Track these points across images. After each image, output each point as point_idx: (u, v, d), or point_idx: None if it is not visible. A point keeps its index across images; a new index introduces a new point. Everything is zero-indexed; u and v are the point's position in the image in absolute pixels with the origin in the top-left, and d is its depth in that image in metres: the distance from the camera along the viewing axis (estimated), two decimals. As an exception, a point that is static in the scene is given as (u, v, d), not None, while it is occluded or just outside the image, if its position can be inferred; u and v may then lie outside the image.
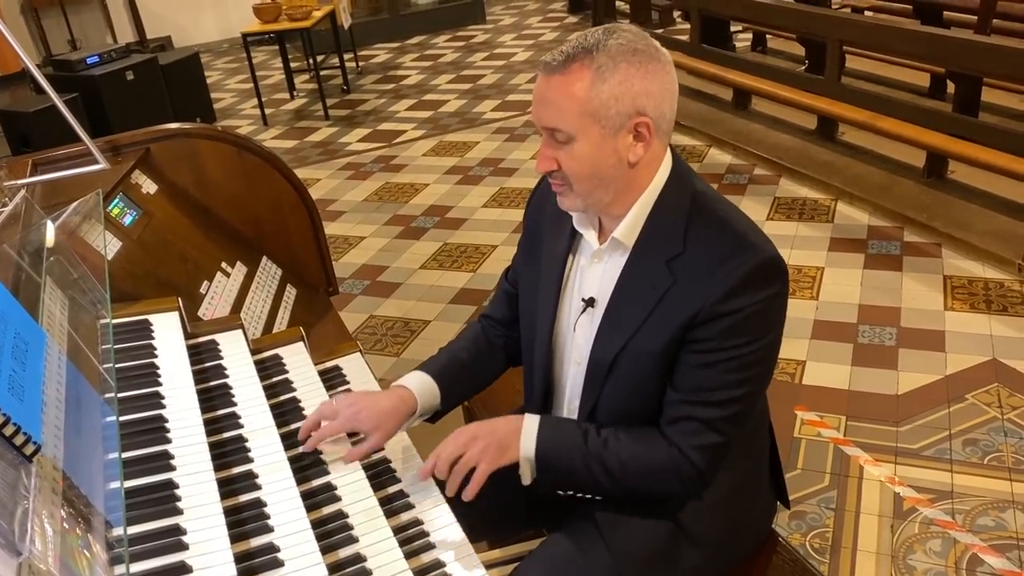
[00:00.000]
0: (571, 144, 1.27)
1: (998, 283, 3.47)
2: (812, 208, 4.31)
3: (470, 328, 1.70)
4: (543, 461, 1.38)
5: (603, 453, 1.36)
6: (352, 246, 4.46)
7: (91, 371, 1.35)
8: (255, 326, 1.96)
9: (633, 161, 1.29)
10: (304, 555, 1.18)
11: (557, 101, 1.25)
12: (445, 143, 5.91)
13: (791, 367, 3.07)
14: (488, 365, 1.65)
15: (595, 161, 1.28)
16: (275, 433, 1.43)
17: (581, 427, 1.40)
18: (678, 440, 1.34)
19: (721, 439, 1.33)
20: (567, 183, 1.31)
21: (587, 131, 1.26)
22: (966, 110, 4.15)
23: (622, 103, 1.24)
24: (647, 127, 1.27)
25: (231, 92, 7.97)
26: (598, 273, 1.41)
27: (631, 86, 1.24)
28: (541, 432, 1.39)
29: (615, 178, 1.31)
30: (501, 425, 1.40)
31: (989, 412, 2.73)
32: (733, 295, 1.26)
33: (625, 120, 1.26)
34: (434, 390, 1.54)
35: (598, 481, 1.38)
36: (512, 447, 1.38)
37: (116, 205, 1.87)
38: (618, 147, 1.28)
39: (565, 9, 9.91)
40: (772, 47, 6.61)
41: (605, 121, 1.25)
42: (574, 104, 1.24)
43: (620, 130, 1.26)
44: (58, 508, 1.02)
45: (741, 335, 1.28)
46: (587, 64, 1.24)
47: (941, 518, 2.35)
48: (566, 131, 1.26)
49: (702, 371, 1.31)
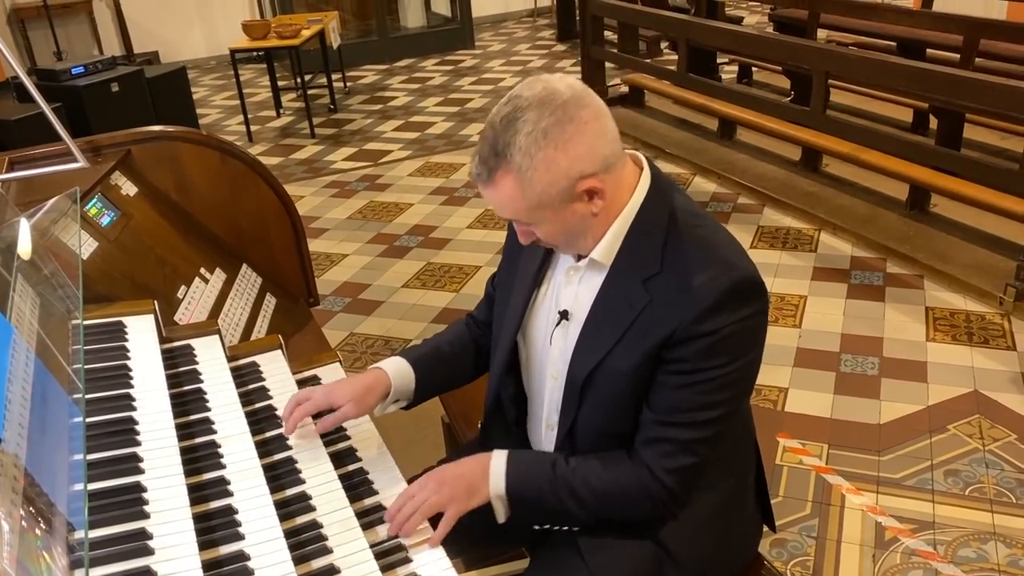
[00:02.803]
0: (535, 225, 1.30)
1: (980, 315, 3.48)
2: (795, 237, 4.32)
3: (455, 324, 1.70)
4: (515, 498, 1.36)
5: (573, 482, 1.34)
6: (335, 263, 4.42)
7: (60, 371, 1.31)
8: (233, 333, 1.92)
9: (596, 212, 1.28)
10: (275, 564, 1.14)
11: (502, 205, 1.28)
12: (431, 164, 5.89)
13: (773, 394, 3.05)
14: (467, 362, 1.66)
15: (563, 229, 1.30)
16: (249, 440, 1.39)
17: (550, 458, 1.38)
18: (651, 462, 1.32)
19: (695, 460, 1.31)
20: (552, 245, 1.36)
21: (541, 217, 1.27)
22: (948, 145, 4.20)
23: (558, 183, 1.23)
24: (594, 184, 1.25)
25: (217, 108, 7.94)
26: (574, 288, 1.39)
27: (558, 166, 1.22)
28: (510, 469, 1.36)
29: (588, 227, 1.31)
30: (469, 466, 1.38)
31: (971, 443, 2.72)
32: (710, 314, 1.24)
33: (568, 192, 1.24)
34: (410, 376, 1.55)
35: (570, 511, 1.35)
36: (482, 488, 1.36)
37: (94, 205, 1.83)
38: (577, 211, 1.27)
39: (553, 37, 9.99)
40: (757, 79, 6.68)
41: (551, 204, 1.25)
42: (518, 204, 1.26)
43: (570, 202, 1.26)
44: (17, 507, 0.97)
45: (718, 356, 1.26)
46: (507, 171, 1.23)
47: (923, 548, 2.33)
48: (524, 220, 1.29)
49: (678, 392, 1.28)
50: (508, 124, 1.22)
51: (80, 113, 5.42)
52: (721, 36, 5.30)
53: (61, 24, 8.77)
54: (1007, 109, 3.74)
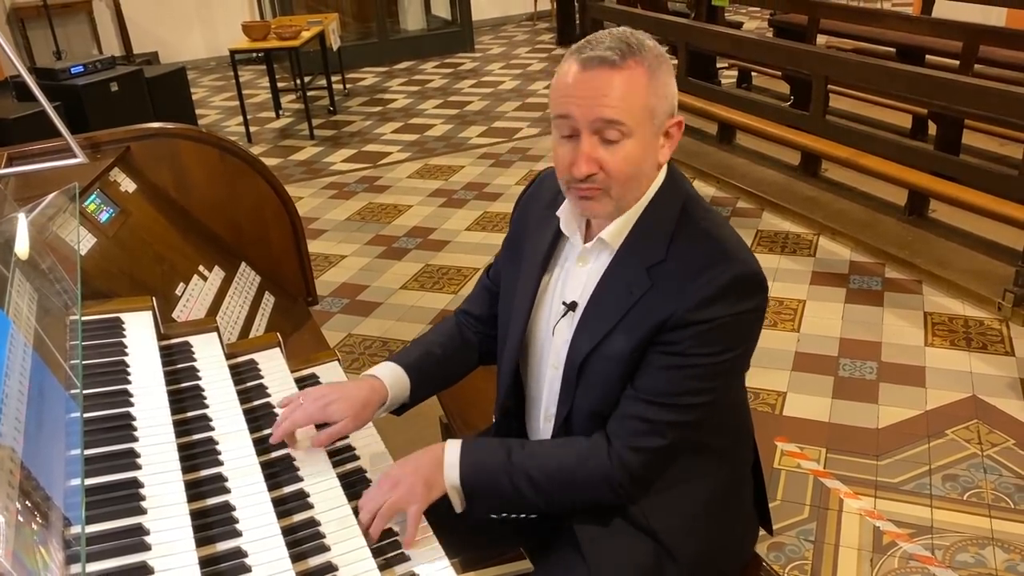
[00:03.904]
0: (622, 142, 1.23)
1: (978, 321, 3.48)
2: (794, 242, 4.32)
3: (445, 322, 1.66)
4: (469, 487, 1.34)
5: (528, 466, 1.33)
6: (333, 264, 4.41)
7: (57, 366, 1.30)
8: (231, 331, 1.91)
9: (662, 162, 1.31)
10: (272, 561, 1.13)
11: (621, 95, 1.21)
12: (430, 166, 5.89)
13: (772, 398, 3.04)
14: (460, 361, 1.62)
15: (639, 160, 1.26)
16: (247, 437, 1.38)
17: (505, 444, 1.36)
18: (617, 436, 1.31)
19: (663, 442, 1.30)
20: (605, 186, 1.27)
21: (643, 128, 1.24)
22: (947, 151, 4.20)
23: (667, 102, 1.26)
24: (679, 128, 1.29)
25: (216, 109, 7.94)
26: (582, 277, 1.39)
27: (670, 86, 1.26)
28: (464, 459, 1.34)
29: (646, 179, 1.31)
30: (423, 460, 1.35)
31: (969, 448, 2.72)
32: (708, 304, 1.24)
33: (666, 120, 1.27)
34: (405, 382, 1.51)
35: (526, 498, 1.34)
36: (438, 481, 1.33)
37: (93, 201, 1.82)
38: (656, 146, 1.28)
39: (553, 41, 10.00)
40: (757, 84, 6.68)
41: (656, 119, 1.26)
42: (637, 99, 1.22)
43: (661, 130, 1.27)
44: (14, 501, 0.96)
45: (710, 344, 1.26)
46: (640, 61, 1.23)
47: (921, 553, 2.32)
48: (628, 125, 1.22)
49: (665, 373, 1.28)
50: (633, 34, 1.26)
51: (79, 112, 5.40)
52: (721, 41, 5.31)
53: (61, 24, 8.77)
54: (1006, 115, 3.74)
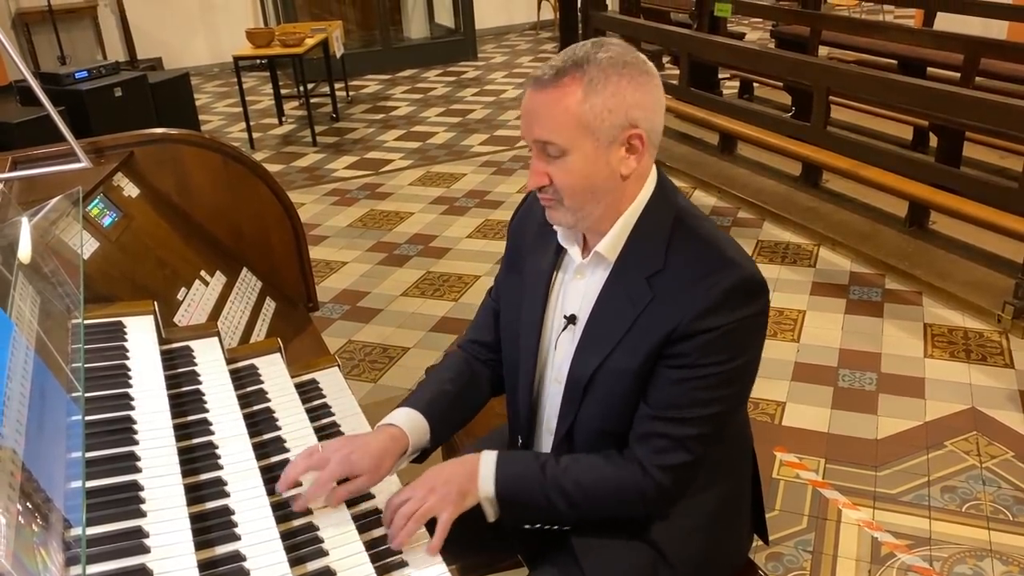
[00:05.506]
0: (564, 158, 1.25)
1: (978, 333, 3.48)
2: (795, 252, 4.33)
3: (451, 358, 1.61)
4: (505, 499, 1.34)
5: (563, 482, 1.33)
6: (334, 270, 4.42)
7: (59, 369, 1.30)
8: (232, 336, 1.92)
9: (625, 174, 1.28)
10: (271, 565, 1.13)
11: (549, 115, 1.23)
12: (432, 174, 5.91)
13: (771, 408, 3.05)
14: (474, 396, 1.58)
15: (588, 174, 1.26)
16: (247, 441, 1.39)
17: (539, 458, 1.36)
18: (644, 458, 1.31)
19: (689, 457, 1.30)
20: (558, 198, 1.29)
21: (581, 144, 1.24)
22: (948, 163, 4.21)
23: (615, 115, 1.23)
24: (640, 139, 1.26)
25: (219, 115, 7.96)
26: (580, 290, 1.39)
27: (623, 98, 1.23)
28: (499, 471, 1.34)
29: (607, 191, 1.29)
30: (457, 470, 1.35)
31: (968, 460, 2.72)
32: (711, 312, 1.24)
33: (618, 132, 1.24)
34: (424, 426, 1.45)
35: (560, 511, 1.34)
36: (471, 491, 1.33)
37: (96, 205, 1.83)
38: (611, 160, 1.26)
39: (556, 50, 10.02)
40: (759, 95, 6.70)
41: (599, 134, 1.23)
42: (567, 117, 1.22)
43: (613, 143, 1.25)
44: (14, 502, 0.96)
45: (718, 353, 1.26)
46: (578, 77, 1.22)
47: (919, 565, 2.32)
48: (559, 144, 1.24)
49: (676, 387, 1.28)
50: (596, 46, 1.25)
51: (83, 117, 5.42)
52: (723, 51, 5.32)
53: (65, 29, 8.81)
54: (1007, 128, 3.75)
